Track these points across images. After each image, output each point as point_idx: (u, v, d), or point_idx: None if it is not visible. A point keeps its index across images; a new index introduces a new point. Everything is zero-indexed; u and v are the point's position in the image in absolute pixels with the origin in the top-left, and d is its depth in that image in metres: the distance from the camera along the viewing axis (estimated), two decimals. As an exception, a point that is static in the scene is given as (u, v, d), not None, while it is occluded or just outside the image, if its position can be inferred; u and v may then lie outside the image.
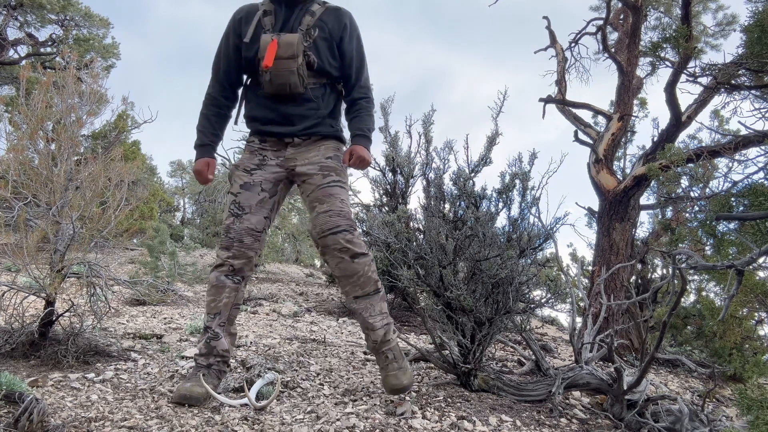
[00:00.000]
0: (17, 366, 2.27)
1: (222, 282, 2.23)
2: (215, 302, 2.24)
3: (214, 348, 2.21)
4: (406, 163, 4.80)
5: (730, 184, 3.19)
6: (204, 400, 2.04)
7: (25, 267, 2.34)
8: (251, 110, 2.35)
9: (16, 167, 2.43)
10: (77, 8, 12.14)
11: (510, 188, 2.78)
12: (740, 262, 1.83)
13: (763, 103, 2.97)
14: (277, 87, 2.22)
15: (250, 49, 2.24)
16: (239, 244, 2.23)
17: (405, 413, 2.04)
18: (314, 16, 2.26)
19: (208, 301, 2.27)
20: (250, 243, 2.25)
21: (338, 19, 2.30)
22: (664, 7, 7.73)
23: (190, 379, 2.12)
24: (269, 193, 2.31)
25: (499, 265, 2.48)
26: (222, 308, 2.23)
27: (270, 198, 2.31)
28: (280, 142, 2.34)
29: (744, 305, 4.00)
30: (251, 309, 4.74)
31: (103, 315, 2.68)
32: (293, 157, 2.32)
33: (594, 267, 5.29)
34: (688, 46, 3.72)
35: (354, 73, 2.35)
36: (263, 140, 2.36)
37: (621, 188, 5.23)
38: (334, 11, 2.31)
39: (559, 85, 6.54)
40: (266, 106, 2.30)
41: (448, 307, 2.56)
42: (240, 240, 2.23)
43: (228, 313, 2.25)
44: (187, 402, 2.02)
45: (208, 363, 2.20)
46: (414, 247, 2.69)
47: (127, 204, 2.67)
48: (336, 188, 2.27)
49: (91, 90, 2.75)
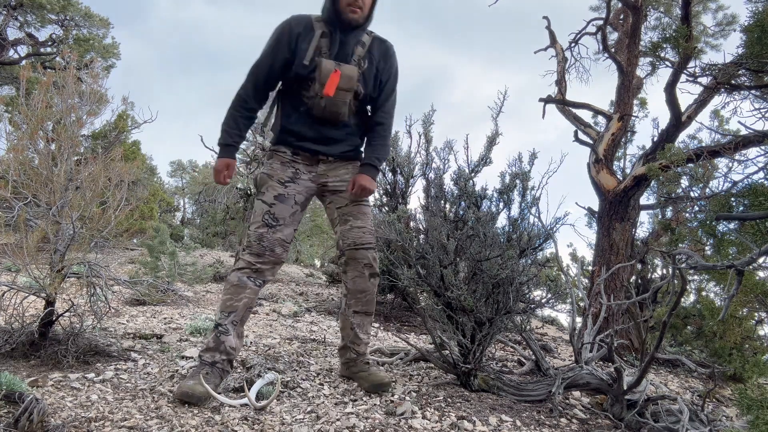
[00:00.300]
0: (17, 366, 2.27)
1: (244, 282, 2.28)
2: (233, 301, 2.28)
3: (222, 343, 2.22)
4: (406, 163, 4.80)
5: (730, 184, 3.19)
6: (205, 399, 2.04)
7: (25, 267, 2.34)
8: (290, 124, 2.40)
9: (16, 167, 2.43)
10: (77, 8, 12.14)
11: (510, 188, 2.78)
12: (740, 262, 1.83)
13: (763, 103, 2.97)
14: (328, 114, 2.32)
15: (305, 69, 2.28)
16: (271, 253, 2.31)
17: (405, 413, 2.04)
18: (365, 47, 2.35)
19: (224, 299, 2.30)
20: (280, 253, 2.34)
21: (385, 53, 2.41)
22: (664, 7, 7.73)
23: (193, 377, 2.12)
24: (301, 207, 2.42)
25: (500, 265, 2.48)
26: (239, 308, 2.27)
27: (301, 211, 2.43)
28: (314, 158, 2.43)
29: (744, 305, 4.01)
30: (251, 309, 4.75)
31: (103, 315, 2.68)
32: (325, 173, 2.45)
33: (594, 267, 5.29)
34: (688, 46, 3.72)
35: (384, 101, 2.45)
36: (296, 153, 2.42)
37: (621, 188, 5.23)
38: (381, 44, 2.41)
39: (559, 85, 6.53)
40: (308, 125, 2.37)
41: (448, 307, 2.56)
42: (272, 249, 2.31)
43: (243, 313, 2.29)
44: (188, 400, 2.02)
45: (213, 360, 2.20)
46: (415, 247, 2.69)
47: (127, 204, 2.67)
48: (367, 208, 2.47)
49: (91, 90, 2.75)
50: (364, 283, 2.42)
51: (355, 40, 2.32)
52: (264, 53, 2.34)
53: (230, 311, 2.26)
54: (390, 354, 3.14)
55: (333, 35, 2.28)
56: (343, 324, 2.52)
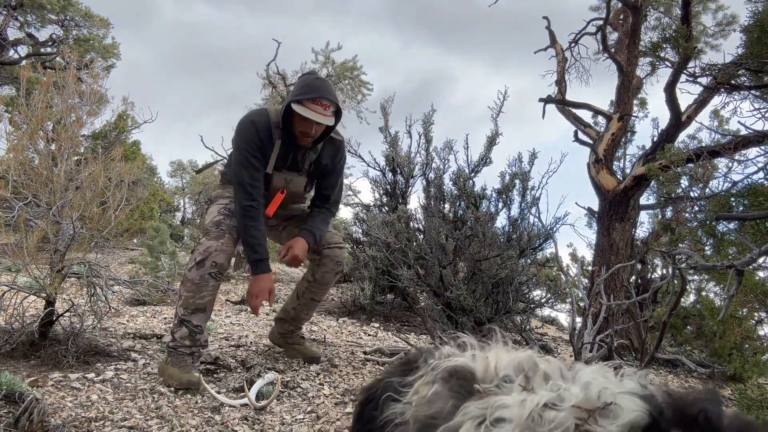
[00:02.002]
0: (17, 366, 2.27)
1: (205, 280, 2.36)
2: (195, 299, 2.41)
3: (198, 341, 2.36)
4: (406, 163, 4.80)
5: (730, 184, 3.19)
6: (200, 384, 2.19)
7: (25, 267, 2.34)
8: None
9: (16, 167, 2.43)
10: (77, 8, 12.14)
11: (510, 188, 2.79)
12: (740, 262, 1.83)
13: (762, 103, 2.97)
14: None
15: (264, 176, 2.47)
16: (230, 237, 2.41)
17: (405, 413, 2.04)
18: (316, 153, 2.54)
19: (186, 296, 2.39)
20: (238, 238, 2.46)
21: (335, 153, 2.60)
22: (664, 7, 7.73)
23: (179, 366, 2.26)
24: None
25: (499, 265, 2.48)
26: (207, 306, 2.39)
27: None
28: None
29: (744, 305, 4.00)
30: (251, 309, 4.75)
31: (103, 315, 2.68)
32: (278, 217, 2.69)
33: (594, 267, 5.29)
34: (687, 46, 3.72)
35: (332, 190, 2.66)
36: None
37: (621, 188, 5.23)
38: (331, 145, 2.58)
39: (559, 85, 6.53)
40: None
41: (448, 306, 2.56)
42: (230, 233, 2.42)
43: (211, 309, 2.43)
44: (192, 387, 2.17)
45: (191, 351, 2.33)
46: (414, 247, 2.69)
47: (127, 204, 2.67)
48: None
49: (91, 90, 2.75)
50: (330, 278, 2.67)
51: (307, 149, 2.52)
52: (241, 158, 2.41)
53: (195, 309, 2.33)
54: (390, 354, 3.14)
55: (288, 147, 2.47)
56: (295, 304, 2.76)
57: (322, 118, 2.28)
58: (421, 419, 0.71)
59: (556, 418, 0.56)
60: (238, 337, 3.29)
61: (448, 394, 0.69)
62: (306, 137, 2.38)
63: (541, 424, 0.56)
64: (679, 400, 0.57)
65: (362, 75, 12.15)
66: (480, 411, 0.62)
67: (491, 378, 0.68)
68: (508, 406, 0.60)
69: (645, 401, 0.56)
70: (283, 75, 11.93)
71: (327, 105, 2.29)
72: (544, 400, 0.59)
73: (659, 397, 0.58)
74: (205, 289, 2.33)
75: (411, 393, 0.75)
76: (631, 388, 0.60)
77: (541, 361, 0.69)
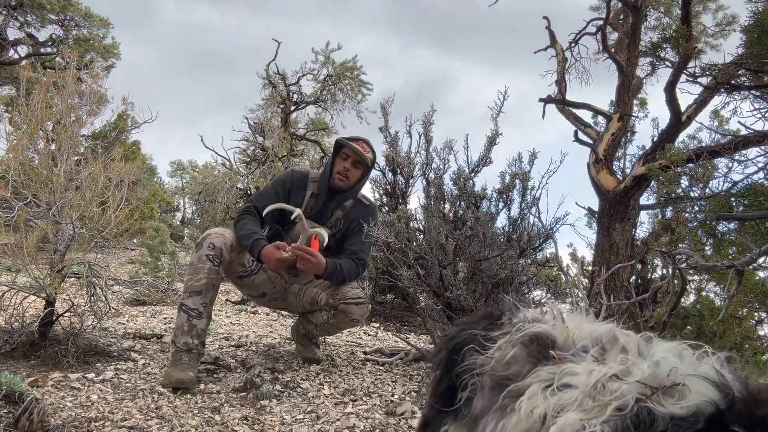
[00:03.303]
0: (17, 366, 2.27)
1: (202, 261, 2.39)
2: (192, 281, 2.40)
3: (194, 327, 2.34)
4: (406, 163, 4.80)
5: (730, 184, 3.19)
6: (195, 384, 2.20)
7: (25, 267, 2.34)
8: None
9: (16, 167, 2.43)
10: (77, 8, 12.13)
11: (510, 188, 2.79)
12: (740, 262, 1.83)
13: (763, 103, 2.97)
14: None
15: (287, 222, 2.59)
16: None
17: (405, 413, 2.04)
18: (345, 211, 2.68)
19: (186, 279, 2.41)
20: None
21: (363, 213, 2.69)
22: (664, 7, 7.74)
23: (176, 365, 2.25)
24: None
25: (499, 265, 2.48)
26: (203, 288, 2.38)
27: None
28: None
29: (744, 305, 4.01)
30: (251, 309, 4.74)
31: (103, 315, 2.68)
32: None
33: (594, 267, 5.29)
34: (688, 46, 3.72)
35: (358, 246, 2.67)
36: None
37: (621, 188, 5.23)
38: (362, 206, 2.72)
39: (559, 85, 6.53)
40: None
41: (448, 307, 2.56)
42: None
43: (211, 294, 2.41)
44: (182, 386, 2.15)
45: (188, 348, 2.31)
46: (414, 247, 2.69)
47: (127, 204, 2.67)
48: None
49: (91, 90, 2.75)
50: (344, 328, 2.76)
51: (337, 204, 2.65)
52: (271, 191, 2.66)
53: (192, 291, 2.34)
54: (390, 354, 3.14)
55: (317, 198, 2.65)
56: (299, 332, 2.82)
57: (361, 152, 2.58)
58: (496, 378, 0.75)
59: (619, 389, 0.58)
60: (238, 337, 3.29)
61: (527, 359, 0.73)
62: (341, 178, 2.59)
63: (603, 393, 0.58)
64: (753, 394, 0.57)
65: (362, 75, 12.16)
66: (549, 375, 0.66)
67: (569, 347, 0.71)
68: (576, 373, 0.63)
69: (717, 389, 0.56)
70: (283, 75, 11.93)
71: (367, 150, 2.63)
72: (612, 372, 0.61)
73: (734, 387, 0.57)
74: (201, 271, 2.35)
75: (494, 349, 0.79)
76: (705, 372, 0.59)
77: (621, 335, 0.71)
